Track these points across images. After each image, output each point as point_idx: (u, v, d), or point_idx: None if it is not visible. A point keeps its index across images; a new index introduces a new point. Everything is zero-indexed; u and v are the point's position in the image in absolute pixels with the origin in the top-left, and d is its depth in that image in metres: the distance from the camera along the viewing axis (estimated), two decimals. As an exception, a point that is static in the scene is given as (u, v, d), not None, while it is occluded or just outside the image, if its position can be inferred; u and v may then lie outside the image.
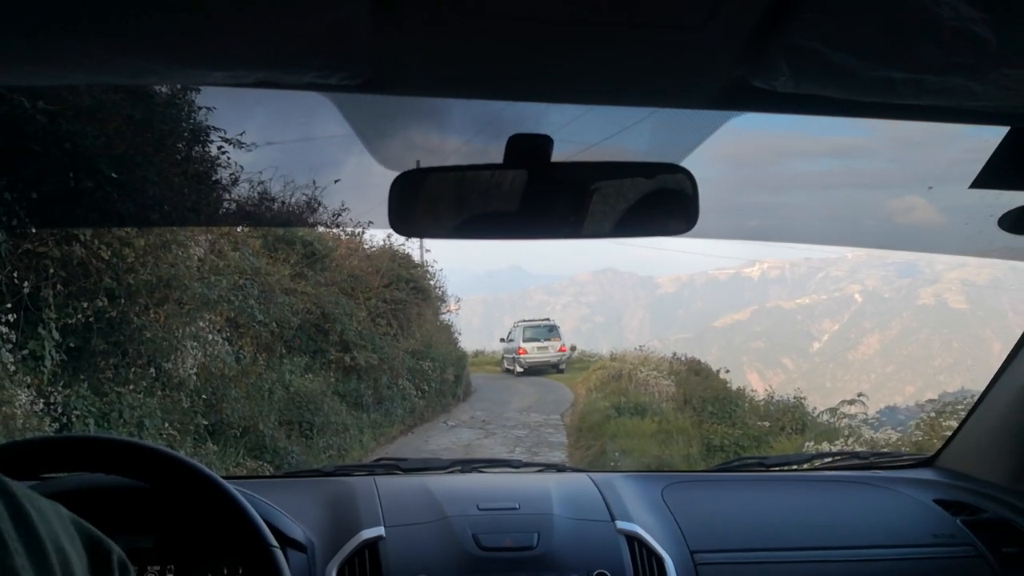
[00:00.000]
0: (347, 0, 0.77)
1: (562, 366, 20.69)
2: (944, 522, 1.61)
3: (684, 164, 1.15)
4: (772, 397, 11.23)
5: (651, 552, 1.44)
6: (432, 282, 15.57)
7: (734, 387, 13.41)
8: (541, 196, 1.13)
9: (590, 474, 1.72)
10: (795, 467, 1.97)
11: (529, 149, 1.08)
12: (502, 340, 19.42)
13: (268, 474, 5.01)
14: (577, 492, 1.61)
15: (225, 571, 1.20)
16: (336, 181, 10.57)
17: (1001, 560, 1.51)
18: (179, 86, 6.48)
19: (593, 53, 0.91)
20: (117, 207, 5.89)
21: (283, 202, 9.85)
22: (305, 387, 9.36)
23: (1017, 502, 1.61)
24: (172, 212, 6.56)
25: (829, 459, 2.03)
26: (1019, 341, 1.70)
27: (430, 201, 1.16)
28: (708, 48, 0.87)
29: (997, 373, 1.77)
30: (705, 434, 9.95)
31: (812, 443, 8.46)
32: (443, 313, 16.79)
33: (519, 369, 20.11)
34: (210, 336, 7.93)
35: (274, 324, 9.40)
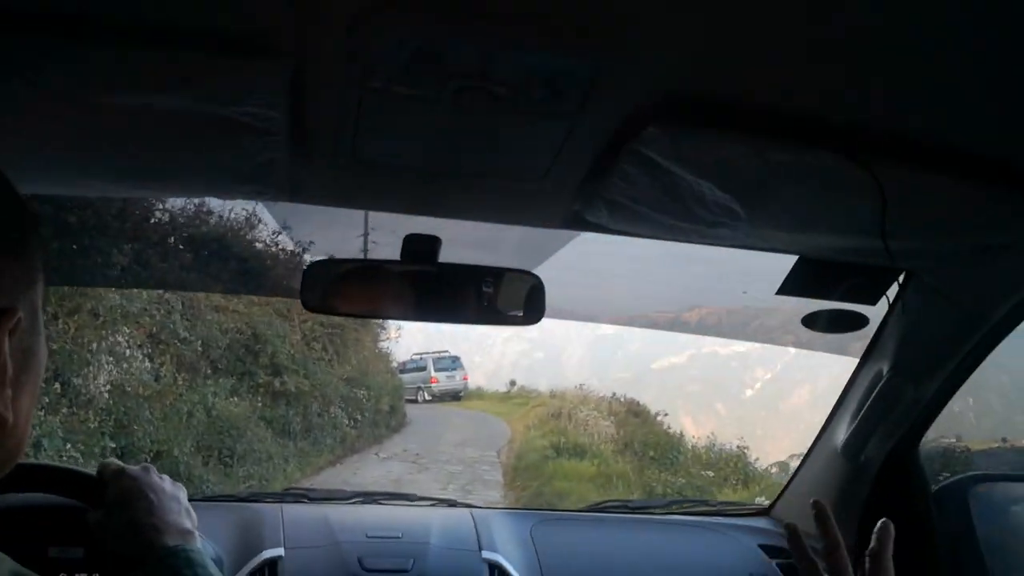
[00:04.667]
0: (270, 147, 1.03)
1: (461, 394, 22.95)
2: (761, 564, 1.86)
3: (538, 271, 1.46)
4: (714, 444, 11.12)
5: None
6: (373, 307, 15.10)
7: (671, 431, 13.30)
8: (429, 288, 1.41)
9: (473, 511, 1.94)
10: (654, 510, 2.20)
11: (421, 248, 1.35)
12: (403, 371, 19.88)
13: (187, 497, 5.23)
14: (455, 525, 1.83)
15: None
16: (286, 228, 10.12)
17: None
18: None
19: (463, 194, 1.30)
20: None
21: (220, 216, 9.40)
22: (229, 411, 8.82)
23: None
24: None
25: (684, 505, 2.28)
26: (833, 409, 1.92)
27: (336, 285, 1.43)
28: (549, 193, 1.23)
29: (816, 437, 1.99)
30: (646, 481, 9.73)
31: (763, 498, 8.30)
32: (382, 340, 16.32)
33: (426, 397, 21.81)
34: (127, 351, 7.39)
35: (199, 342, 8.87)
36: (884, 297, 1.60)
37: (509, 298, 1.43)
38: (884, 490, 1.78)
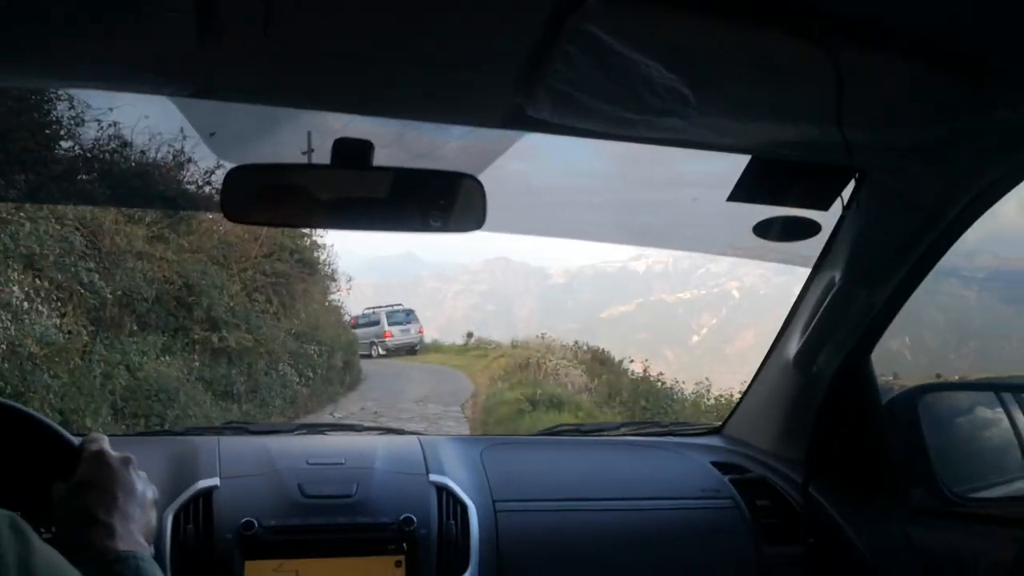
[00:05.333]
0: (175, 29, 0.94)
1: (417, 347, 22.41)
2: (713, 480, 1.84)
3: (482, 176, 1.36)
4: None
5: (456, 500, 1.61)
6: (321, 255, 13.84)
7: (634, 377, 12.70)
8: (361, 194, 1.35)
9: (420, 437, 1.86)
10: (606, 432, 2.17)
11: (353, 152, 1.27)
12: (356, 326, 19.43)
13: (119, 433, 5.06)
14: (401, 451, 1.75)
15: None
16: (211, 135, 8.77)
17: (754, 511, 1.76)
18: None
19: (400, 81, 1.18)
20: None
21: (144, 152, 8.03)
22: (158, 372, 7.64)
23: (774, 463, 1.91)
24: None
25: (635, 427, 2.24)
26: (784, 322, 1.90)
27: (262, 193, 1.33)
28: (487, 83, 1.15)
29: (767, 352, 1.97)
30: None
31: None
32: (333, 292, 15.13)
33: (380, 352, 21.29)
34: (26, 304, 6.13)
35: (119, 293, 7.61)
36: (838, 200, 1.55)
37: (447, 202, 1.36)
38: (836, 401, 1.76)
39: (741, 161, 1.47)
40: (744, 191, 1.52)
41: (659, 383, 11.23)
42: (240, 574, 1.45)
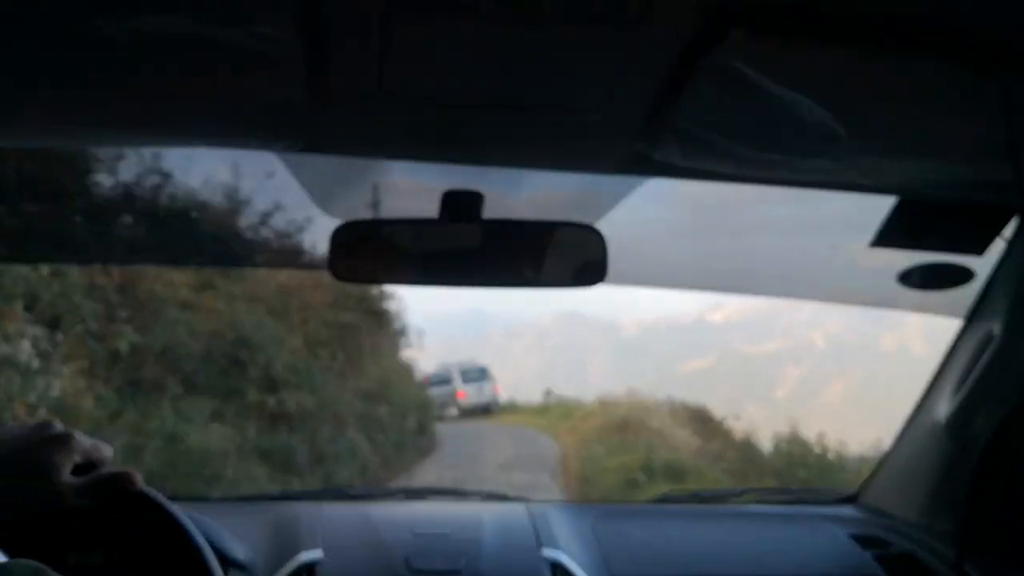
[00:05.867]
0: (284, 83, 0.92)
1: (492, 407, 20.88)
2: (856, 556, 1.70)
3: (599, 225, 1.26)
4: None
5: None
6: (391, 305, 12.61)
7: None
8: (471, 248, 1.29)
9: (528, 505, 1.78)
10: (728, 500, 2.02)
11: (462, 205, 1.23)
12: (428, 385, 17.93)
13: (217, 497, 4.51)
14: (509, 520, 1.69)
15: None
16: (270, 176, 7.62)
17: None
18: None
19: (514, 129, 1.11)
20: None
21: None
22: (202, 443, 6.39)
23: (922, 536, 1.74)
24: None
25: (760, 494, 2.08)
26: (932, 379, 1.76)
27: (370, 250, 1.29)
28: (609, 127, 1.06)
29: (911, 414, 1.84)
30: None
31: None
32: (403, 349, 13.87)
33: (454, 412, 19.79)
34: (36, 363, 5.02)
35: (160, 351, 6.48)
36: (994, 245, 1.46)
37: (564, 256, 1.29)
38: (994, 466, 1.46)
39: (845, 201, 1.40)
40: (890, 235, 1.45)
41: (819, 449, 9.21)
42: None
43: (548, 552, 1.54)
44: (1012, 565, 1.59)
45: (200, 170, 6.16)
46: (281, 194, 6.80)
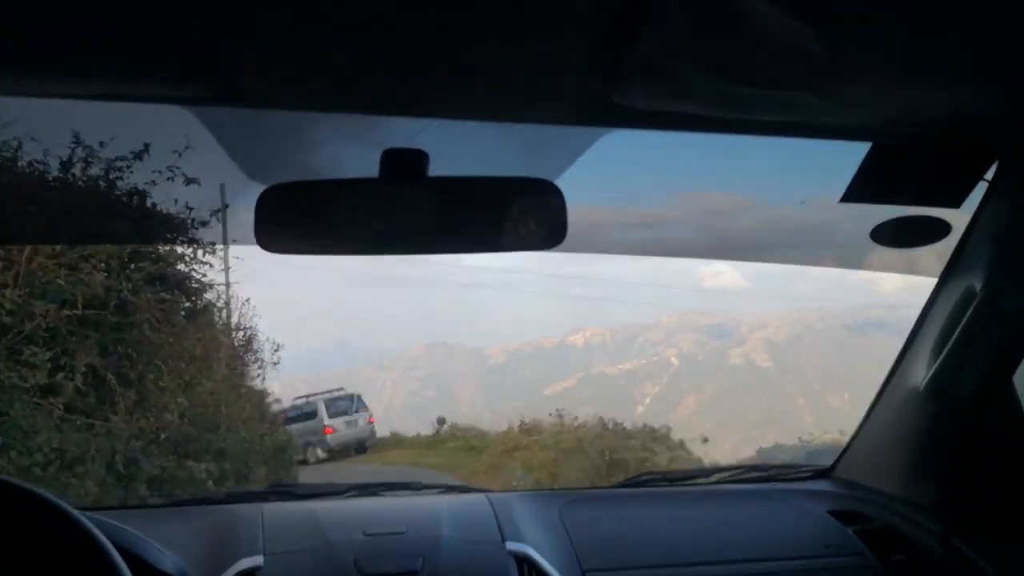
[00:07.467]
0: (182, 8, 0.79)
1: (368, 443, 16.74)
2: (836, 532, 1.65)
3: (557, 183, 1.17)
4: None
5: (541, 573, 1.45)
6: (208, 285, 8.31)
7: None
8: (416, 211, 1.18)
9: (488, 494, 1.71)
10: (698, 480, 1.98)
11: (404, 164, 1.14)
12: (286, 420, 13.76)
13: (151, 503, 4.54)
14: (470, 513, 1.62)
15: None
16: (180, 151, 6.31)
17: (890, 567, 1.57)
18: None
19: (453, 65, 0.96)
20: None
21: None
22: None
23: (903, 509, 1.68)
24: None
25: (731, 472, 2.02)
26: (900, 352, 1.71)
27: (300, 216, 1.17)
28: (565, 57, 0.94)
29: (883, 383, 1.78)
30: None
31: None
32: (247, 367, 11.38)
33: (320, 454, 15.67)
34: None
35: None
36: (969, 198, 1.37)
37: (521, 215, 1.19)
38: (975, 431, 1.51)
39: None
40: (861, 189, 1.37)
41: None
42: None
43: (513, 545, 1.48)
44: (999, 534, 1.54)
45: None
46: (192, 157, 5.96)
